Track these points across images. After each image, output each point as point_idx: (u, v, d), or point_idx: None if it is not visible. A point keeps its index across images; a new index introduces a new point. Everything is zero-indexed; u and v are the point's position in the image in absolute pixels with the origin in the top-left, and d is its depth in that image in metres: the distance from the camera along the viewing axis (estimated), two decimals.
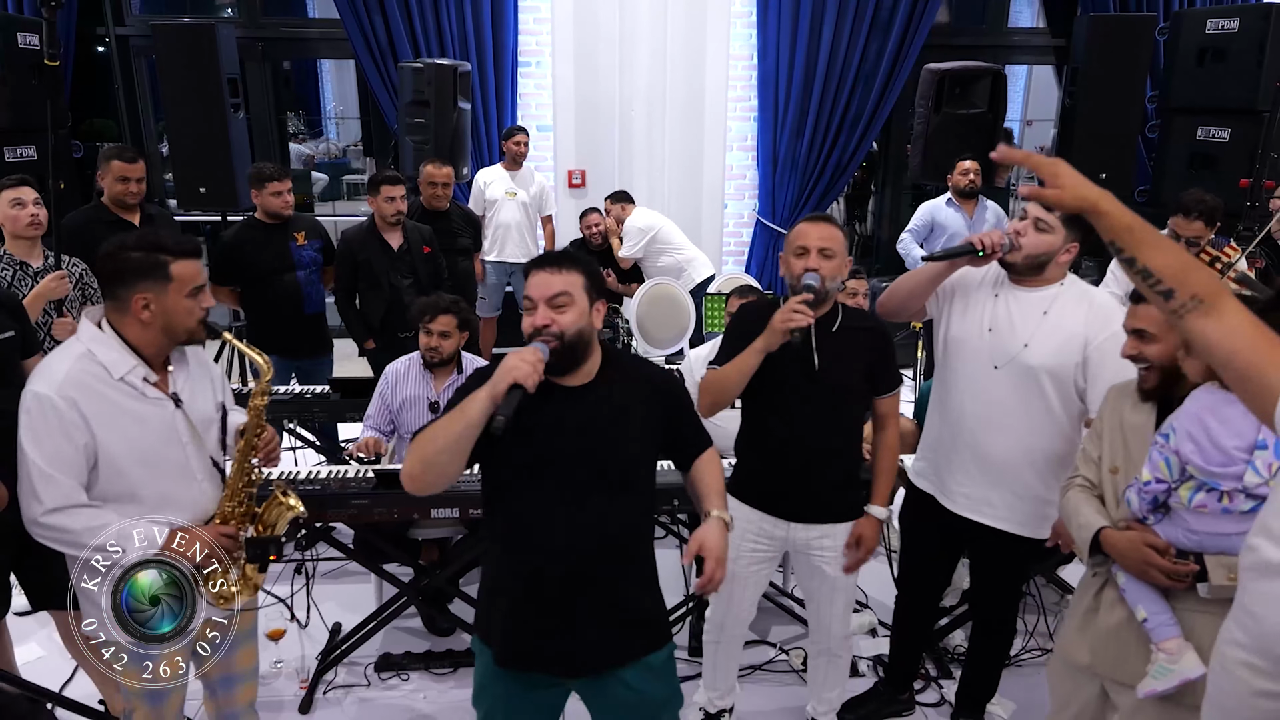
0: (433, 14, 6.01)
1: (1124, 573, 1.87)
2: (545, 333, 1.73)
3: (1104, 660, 1.95)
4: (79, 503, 1.82)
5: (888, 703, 2.92)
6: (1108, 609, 1.94)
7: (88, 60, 6.48)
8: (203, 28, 5.11)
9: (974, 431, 2.41)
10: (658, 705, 1.96)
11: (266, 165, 4.07)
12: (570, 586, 1.80)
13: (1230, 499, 1.71)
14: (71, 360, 1.85)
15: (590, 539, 1.79)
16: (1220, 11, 5.47)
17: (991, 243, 2.29)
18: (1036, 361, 2.29)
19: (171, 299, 1.88)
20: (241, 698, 2.19)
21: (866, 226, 7.99)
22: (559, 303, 1.74)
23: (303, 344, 4.19)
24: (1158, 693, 1.78)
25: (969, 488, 2.46)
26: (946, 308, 2.49)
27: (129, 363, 1.88)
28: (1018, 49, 7.27)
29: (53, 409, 1.79)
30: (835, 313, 2.37)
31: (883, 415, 2.48)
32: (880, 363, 2.41)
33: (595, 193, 6.36)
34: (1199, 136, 5.63)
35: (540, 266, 1.78)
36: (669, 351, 5.28)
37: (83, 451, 1.82)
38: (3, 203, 3.15)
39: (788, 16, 6.19)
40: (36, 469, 1.79)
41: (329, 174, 10.04)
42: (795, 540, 2.46)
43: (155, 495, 1.90)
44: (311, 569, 3.02)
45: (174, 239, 1.91)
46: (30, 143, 4.99)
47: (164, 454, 1.92)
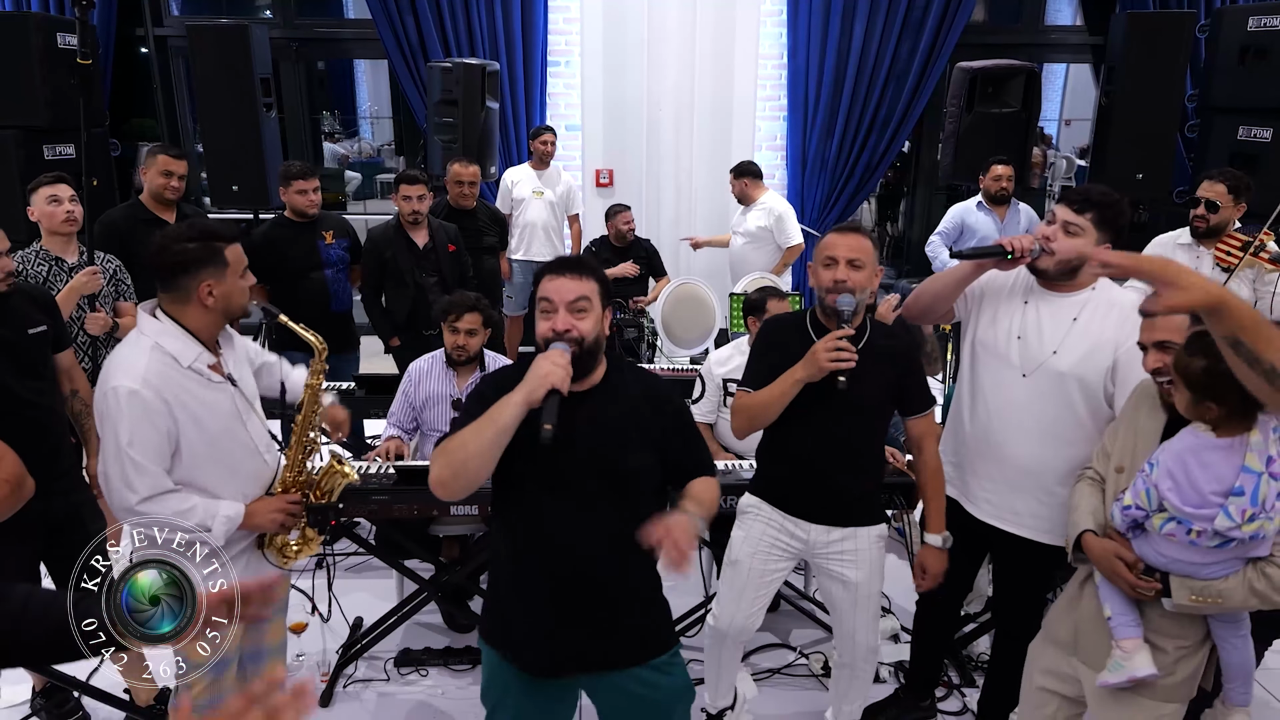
0: (463, 14, 6.05)
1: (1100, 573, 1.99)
2: (566, 338, 1.74)
3: (1081, 644, 2.07)
4: (166, 489, 1.96)
5: (908, 709, 2.89)
6: (1089, 598, 2.05)
7: (130, 60, 6.62)
8: (236, 28, 5.19)
9: (1000, 438, 2.38)
10: (672, 700, 1.96)
11: (294, 164, 4.11)
12: (583, 588, 1.81)
13: (1199, 535, 1.79)
14: (147, 353, 1.96)
15: (600, 541, 1.79)
16: (1263, 9, 5.33)
17: (1021, 246, 2.25)
18: (1065, 368, 2.25)
19: (230, 281, 2.03)
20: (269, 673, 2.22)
21: (898, 227, 7.91)
22: (579, 307, 1.75)
23: (330, 341, 4.14)
24: (1109, 684, 1.95)
25: (993, 494, 2.43)
26: (975, 312, 2.45)
27: (194, 350, 2.01)
28: (1054, 47, 7.15)
29: (140, 401, 1.90)
30: (864, 327, 2.33)
31: (918, 437, 2.40)
32: (910, 382, 2.36)
33: (623, 192, 6.36)
34: (1240, 136, 5.50)
35: (560, 271, 1.78)
36: (694, 352, 5.27)
37: (166, 439, 1.95)
38: (40, 199, 3.22)
39: (818, 15, 6.15)
40: (130, 460, 1.90)
41: (363, 173, 10.16)
42: (816, 543, 2.43)
43: (225, 473, 2.06)
44: (333, 564, 3.04)
45: (220, 224, 2.08)
46: (69, 141, 5.10)
47: (232, 433, 2.07)
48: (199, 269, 1.98)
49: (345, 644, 3.19)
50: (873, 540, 2.43)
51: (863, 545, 2.41)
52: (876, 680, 3.03)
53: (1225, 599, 1.82)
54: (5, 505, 1.89)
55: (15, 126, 4.89)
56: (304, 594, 3.03)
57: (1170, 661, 1.93)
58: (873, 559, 2.43)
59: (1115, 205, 2.25)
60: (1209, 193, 3.60)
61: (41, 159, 4.91)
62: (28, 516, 2.00)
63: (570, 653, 1.84)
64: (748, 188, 5.37)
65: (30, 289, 2.81)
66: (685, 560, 1.61)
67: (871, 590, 2.46)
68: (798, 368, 2.21)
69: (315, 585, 3.06)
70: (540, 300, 1.79)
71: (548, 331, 1.76)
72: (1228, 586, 1.82)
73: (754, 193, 5.37)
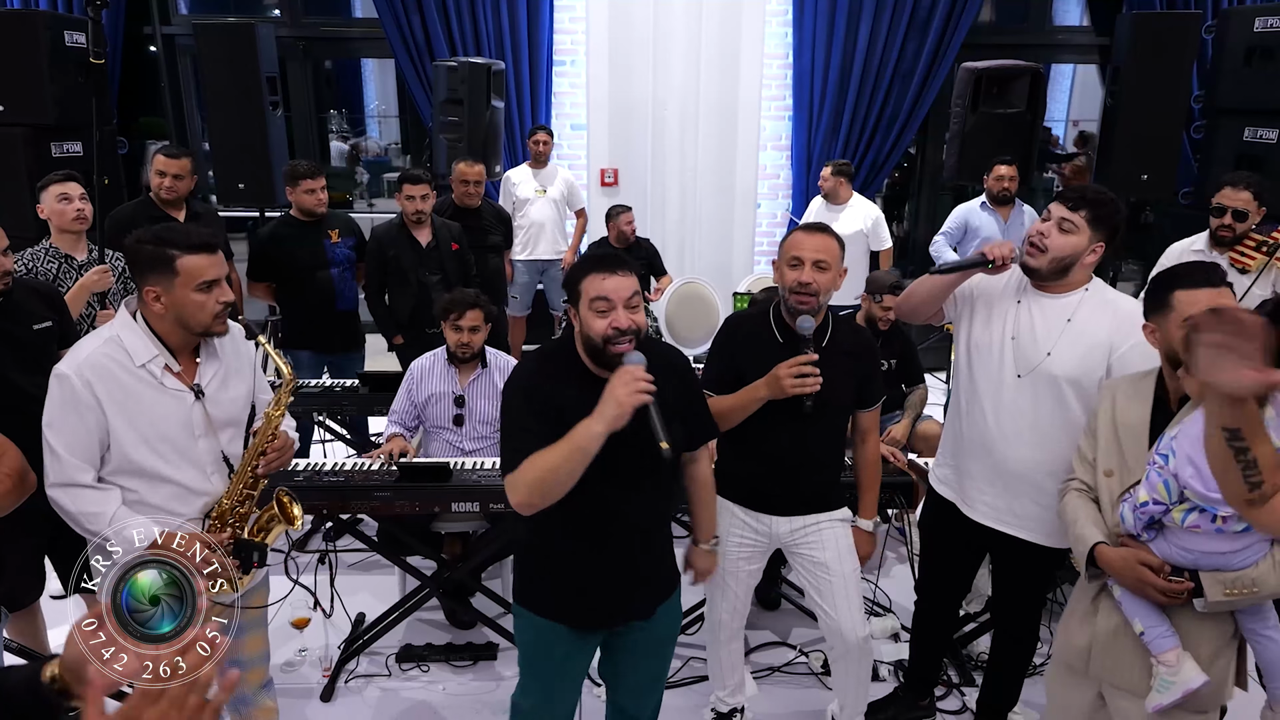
0: (469, 14, 6.07)
1: (1119, 586, 1.87)
2: (628, 333, 1.84)
3: (1102, 664, 1.95)
4: (80, 483, 1.89)
5: (908, 708, 2.89)
6: (1105, 614, 1.93)
7: (139, 59, 6.66)
8: (242, 27, 5.22)
9: (995, 440, 2.37)
10: (671, 636, 2.24)
11: (300, 163, 4.14)
12: (634, 548, 2.02)
13: (1224, 520, 1.72)
14: (98, 343, 1.93)
15: (646, 509, 2.01)
16: (1269, 9, 5.30)
17: (1000, 255, 2.26)
18: (1059, 371, 2.25)
19: (179, 292, 1.91)
20: (248, 680, 2.24)
21: (904, 227, 7.90)
22: (634, 304, 1.87)
23: (335, 340, 4.26)
24: (1164, 706, 1.80)
25: (990, 496, 2.43)
26: (968, 313, 2.45)
27: (151, 351, 1.94)
28: (1061, 48, 7.14)
29: (70, 388, 1.87)
30: (825, 326, 2.36)
31: (864, 430, 2.51)
32: (867, 378, 2.42)
33: (627, 192, 6.37)
34: (1246, 137, 5.47)
35: (613, 270, 1.87)
36: (697, 350, 5.28)
37: (94, 432, 1.89)
38: (49, 197, 3.25)
39: (824, 15, 6.15)
40: (47, 444, 1.89)
41: (370, 171, 10.18)
42: (780, 534, 2.48)
43: (163, 480, 1.96)
44: (335, 560, 3.07)
45: (185, 233, 1.94)
46: (77, 139, 5.14)
47: (176, 442, 1.97)
48: (145, 273, 1.92)
49: (347, 639, 3.21)
50: (835, 522, 2.48)
51: (825, 528, 2.46)
52: (877, 679, 3.04)
53: (1260, 587, 1.75)
54: (9, 499, 1.91)
55: (24, 124, 4.92)
56: (307, 590, 3.05)
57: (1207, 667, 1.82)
58: (838, 539, 2.47)
59: (1110, 204, 2.24)
60: (1235, 201, 3.44)
61: (50, 157, 4.94)
62: (33, 510, 2.03)
63: (623, 605, 2.06)
64: (840, 187, 5.42)
65: (38, 285, 2.84)
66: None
67: (845, 572, 2.47)
68: (760, 385, 2.26)
69: (318, 581, 3.08)
70: (596, 300, 1.85)
71: (608, 329, 1.84)
72: (1259, 573, 1.75)
73: (844, 193, 5.43)
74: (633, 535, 2.00)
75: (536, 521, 1.91)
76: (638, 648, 2.16)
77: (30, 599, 2.73)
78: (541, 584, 2.06)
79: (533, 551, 2.08)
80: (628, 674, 2.22)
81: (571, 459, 1.77)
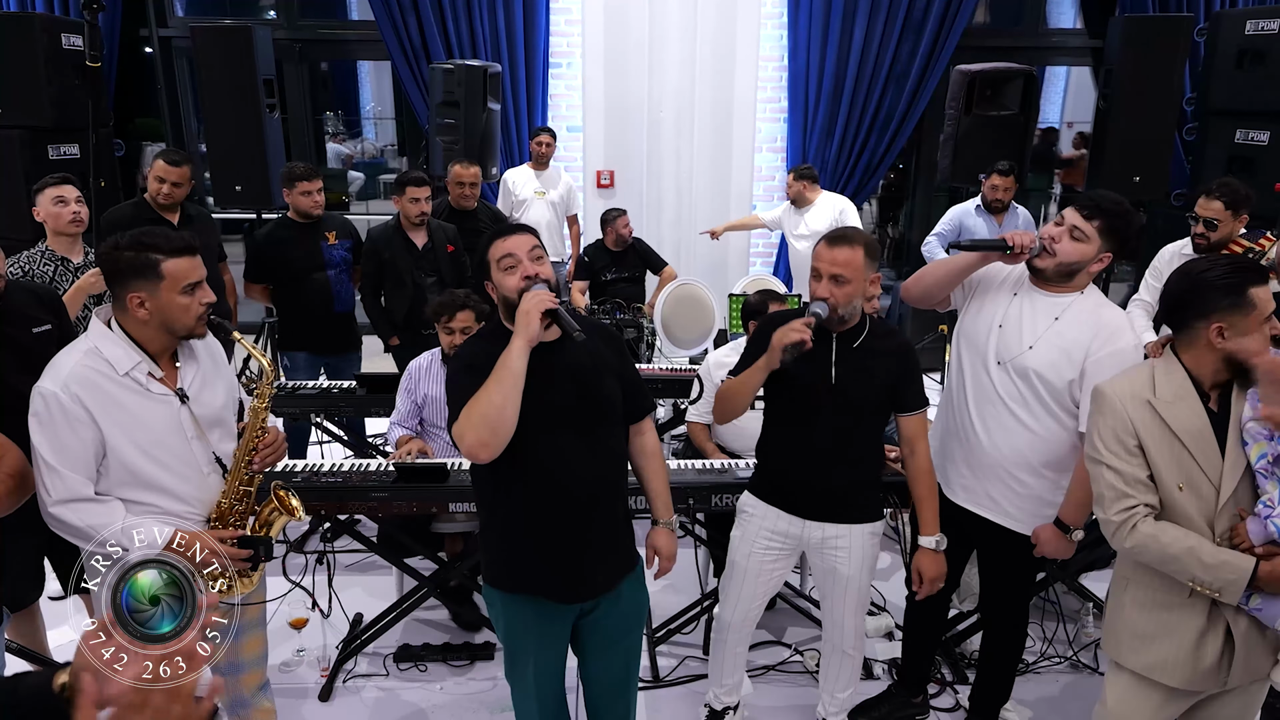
0: (465, 16, 6.09)
1: (1259, 595, 1.82)
2: (540, 282, 1.98)
3: (1243, 671, 1.90)
4: (83, 497, 1.89)
5: (901, 706, 2.92)
6: (1236, 624, 1.87)
7: (135, 60, 6.66)
8: (239, 29, 5.23)
9: (970, 423, 2.44)
10: (639, 615, 2.26)
11: (297, 165, 4.15)
12: (589, 512, 2.04)
13: None
14: (78, 356, 1.91)
15: (603, 462, 2.06)
16: (1261, 12, 5.34)
17: (1022, 243, 2.29)
18: (1033, 364, 2.30)
19: (165, 296, 1.91)
20: (246, 682, 2.26)
21: (899, 229, 7.93)
22: (536, 254, 2.03)
23: (332, 341, 4.27)
24: None
25: (968, 479, 2.49)
26: (969, 302, 2.50)
27: (133, 359, 1.94)
28: (1055, 50, 7.16)
29: (58, 404, 1.85)
30: (861, 327, 2.36)
31: (910, 437, 2.42)
32: (905, 381, 2.38)
33: (623, 194, 6.39)
34: (1238, 139, 5.51)
35: (511, 232, 2.06)
36: (693, 352, 5.29)
37: (90, 445, 1.88)
38: (45, 200, 3.26)
39: (819, 17, 6.17)
40: (44, 463, 1.86)
41: (366, 173, 10.19)
42: (811, 539, 2.46)
43: (162, 487, 1.97)
44: (333, 560, 3.08)
45: (166, 237, 1.94)
46: (74, 141, 5.15)
47: (170, 447, 1.98)
48: (127, 279, 1.90)
49: (345, 639, 3.22)
50: (866, 537, 2.46)
51: (856, 542, 2.44)
52: (871, 678, 3.07)
53: None
54: (9, 500, 1.92)
55: (20, 126, 4.93)
56: (305, 590, 3.06)
57: None
58: (865, 555, 2.46)
59: (1125, 216, 2.26)
60: (1206, 211, 3.48)
61: (46, 159, 4.95)
62: (33, 511, 2.04)
63: (592, 571, 2.08)
64: (805, 190, 5.45)
65: (35, 288, 2.84)
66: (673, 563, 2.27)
67: (861, 584, 2.50)
68: (762, 358, 2.28)
69: (316, 581, 3.10)
70: (503, 259, 2.00)
71: (520, 281, 1.98)
72: None
73: (811, 195, 5.46)
74: (583, 502, 2.02)
75: (489, 499, 2.02)
76: (606, 629, 2.18)
77: (30, 599, 2.74)
78: (503, 560, 2.10)
79: (491, 530, 2.12)
80: (600, 663, 2.24)
81: (504, 382, 1.85)
